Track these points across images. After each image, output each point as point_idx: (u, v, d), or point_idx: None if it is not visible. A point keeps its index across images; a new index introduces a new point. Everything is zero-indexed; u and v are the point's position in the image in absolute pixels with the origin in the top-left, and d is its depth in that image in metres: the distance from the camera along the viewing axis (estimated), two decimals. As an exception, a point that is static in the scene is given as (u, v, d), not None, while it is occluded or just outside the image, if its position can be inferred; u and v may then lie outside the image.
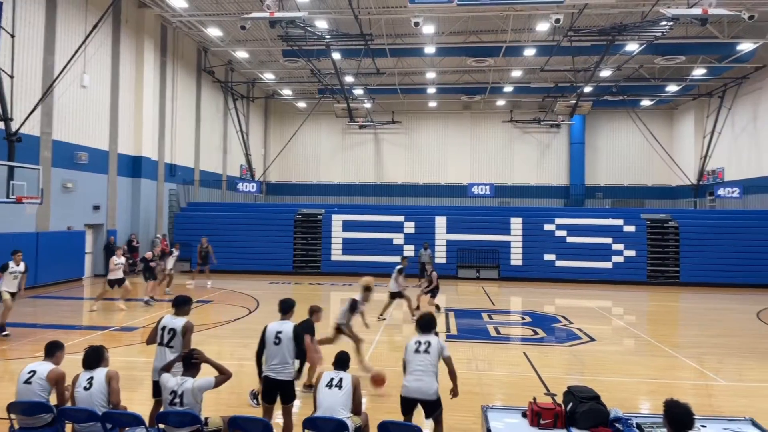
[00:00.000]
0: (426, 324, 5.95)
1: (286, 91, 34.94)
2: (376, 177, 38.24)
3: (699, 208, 30.14)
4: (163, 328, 5.73)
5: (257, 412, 6.15)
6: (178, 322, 5.73)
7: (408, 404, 5.65)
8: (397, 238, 22.37)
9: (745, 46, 23.55)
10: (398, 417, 6.28)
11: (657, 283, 20.76)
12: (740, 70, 27.30)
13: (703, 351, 10.63)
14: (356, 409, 5.05)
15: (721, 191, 25.77)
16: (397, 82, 31.65)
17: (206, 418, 5.00)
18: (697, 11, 15.72)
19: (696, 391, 8.20)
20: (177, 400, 4.78)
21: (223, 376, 5.03)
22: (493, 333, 11.83)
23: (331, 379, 5.13)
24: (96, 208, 19.95)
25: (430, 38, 24.36)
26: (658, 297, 18.28)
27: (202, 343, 9.55)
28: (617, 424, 4.70)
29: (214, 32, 24.32)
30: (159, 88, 23.76)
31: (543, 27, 22.35)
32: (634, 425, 4.68)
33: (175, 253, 17.06)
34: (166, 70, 24.26)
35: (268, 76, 31.64)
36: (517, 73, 29.49)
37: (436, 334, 5.98)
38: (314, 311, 7.56)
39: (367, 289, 8.87)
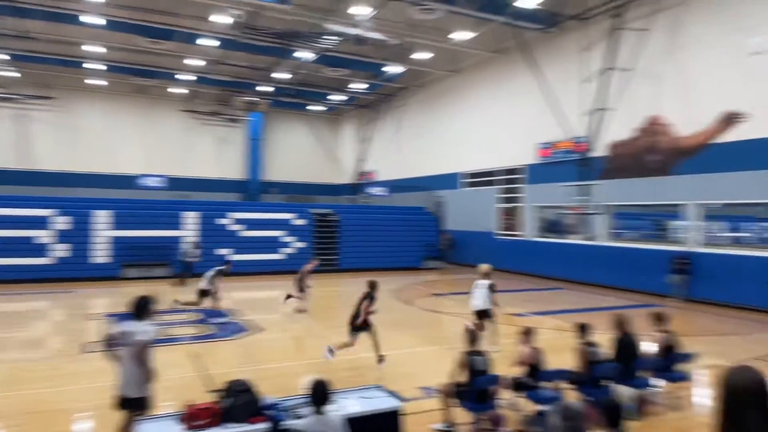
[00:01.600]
0: (135, 308, 5.47)
1: None
2: (18, 162, 31.75)
3: (356, 204, 34.69)
4: None
5: None
6: None
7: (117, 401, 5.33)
8: (44, 236, 19.02)
9: (393, 69, 28.06)
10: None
11: (322, 271, 22.91)
12: (389, 88, 32.43)
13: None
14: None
15: (373, 190, 30.13)
16: (54, 51, 26.88)
17: None
18: (356, 32, 17.95)
19: (347, 365, 9.30)
20: None
21: None
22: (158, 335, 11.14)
23: None
24: None
25: (95, 6, 21.44)
26: (321, 283, 20.18)
27: None
28: (269, 411, 4.95)
29: None
30: None
31: (222, 19, 22.09)
32: (285, 408, 5.01)
33: None
34: None
35: None
36: (195, 62, 28.54)
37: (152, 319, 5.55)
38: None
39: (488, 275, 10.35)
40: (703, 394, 7.71)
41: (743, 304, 15.06)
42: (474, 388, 5.88)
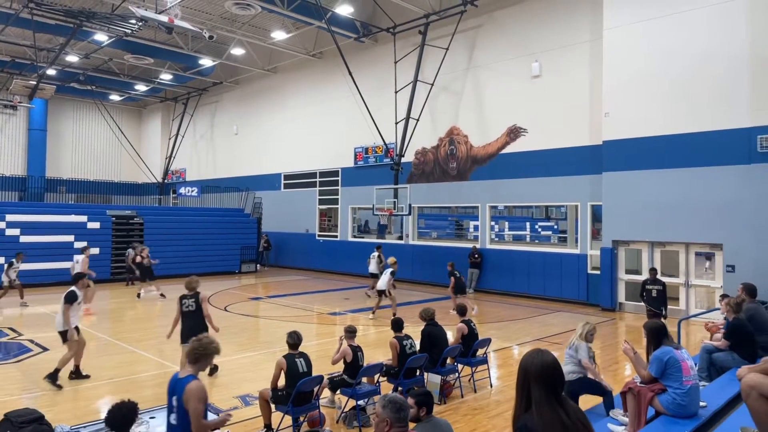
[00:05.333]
0: None
1: None
2: None
3: (163, 205, 32.15)
4: None
5: None
6: None
7: None
8: None
9: (206, 62, 26.63)
10: None
11: (121, 279, 20.75)
12: (202, 82, 30.71)
13: (161, 341, 11.20)
14: None
15: (183, 190, 28.22)
16: None
17: None
18: (164, 18, 16.55)
19: (154, 381, 8.54)
20: None
21: None
22: None
23: None
24: None
25: None
26: (121, 293, 18.34)
27: None
28: (61, 443, 4.32)
29: None
30: None
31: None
32: (80, 438, 4.41)
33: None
34: None
35: None
36: (-45, 34, 23.75)
37: None
38: None
39: None
40: (497, 375, 8.71)
41: (524, 292, 17.48)
42: (294, 391, 5.83)
